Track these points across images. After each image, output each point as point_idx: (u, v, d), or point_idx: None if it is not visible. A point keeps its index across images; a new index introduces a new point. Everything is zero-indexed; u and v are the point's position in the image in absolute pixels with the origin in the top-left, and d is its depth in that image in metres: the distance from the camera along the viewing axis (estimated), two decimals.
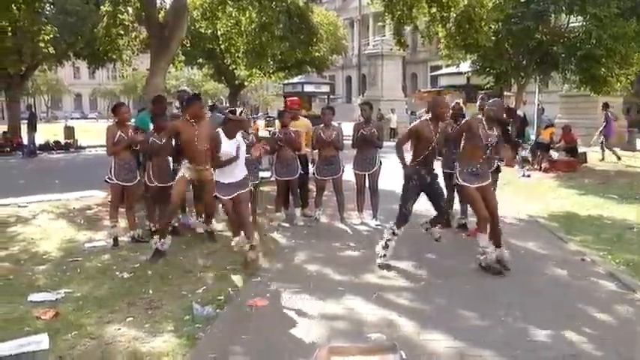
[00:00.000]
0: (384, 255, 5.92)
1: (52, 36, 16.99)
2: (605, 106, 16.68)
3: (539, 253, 6.43)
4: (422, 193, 6.02)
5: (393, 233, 5.95)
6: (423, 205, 6.41)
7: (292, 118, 8.35)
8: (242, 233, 5.90)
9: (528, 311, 4.57)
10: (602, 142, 16.57)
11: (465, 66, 16.41)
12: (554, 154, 14.39)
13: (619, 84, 14.80)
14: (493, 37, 12.83)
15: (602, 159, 16.25)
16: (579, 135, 16.33)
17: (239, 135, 5.94)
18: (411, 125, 6.20)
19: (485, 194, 5.68)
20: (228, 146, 5.77)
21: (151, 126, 7.23)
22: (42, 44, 17.29)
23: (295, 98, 20.39)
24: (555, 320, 4.38)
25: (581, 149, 15.57)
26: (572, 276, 5.55)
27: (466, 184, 5.68)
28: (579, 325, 4.30)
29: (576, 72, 14.34)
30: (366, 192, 7.95)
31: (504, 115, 5.91)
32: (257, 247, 5.92)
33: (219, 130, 5.88)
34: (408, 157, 5.94)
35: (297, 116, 8.71)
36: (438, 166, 7.12)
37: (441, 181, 6.40)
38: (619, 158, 16.03)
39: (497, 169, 7.14)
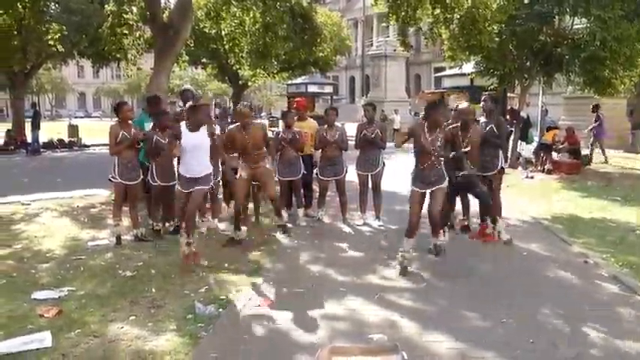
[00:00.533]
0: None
1: (60, 34, 17.06)
2: (596, 107, 16.72)
3: (542, 255, 6.42)
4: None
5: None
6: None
7: (299, 118, 8.33)
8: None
9: (530, 313, 4.57)
10: (599, 144, 16.57)
11: (469, 67, 16.35)
12: (554, 155, 14.38)
13: (623, 86, 14.75)
14: (497, 39, 12.79)
15: (606, 161, 16.22)
16: (583, 137, 16.30)
17: (204, 128, 5.92)
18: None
19: (431, 199, 5.76)
20: (191, 139, 5.82)
21: (146, 126, 7.24)
22: (51, 42, 17.34)
23: (302, 99, 20.45)
24: (557, 322, 4.38)
25: (584, 151, 15.54)
26: (575, 278, 5.54)
27: (411, 187, 5.78)
28: (581, 327, 4.30)
29: (580, 74, 14.27)
30: (369, 193, 7.95)
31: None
32: (193, 244, 5.96)
33: (182, 123, 5.98)
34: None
35: (305, 117, 8.67)
36: None
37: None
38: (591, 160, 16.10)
39: (502, 171, 7.13)
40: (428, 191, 5.72)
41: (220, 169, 7.67)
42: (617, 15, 12.48)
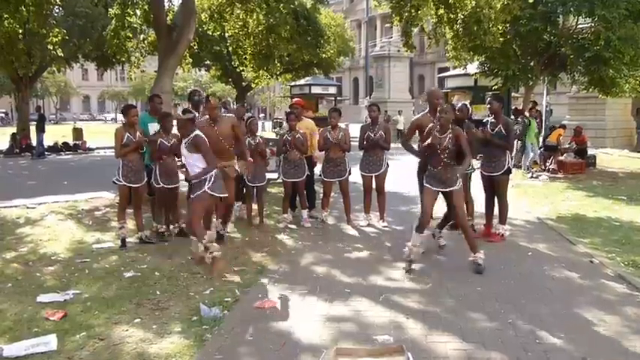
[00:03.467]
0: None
1: (60, 38, 17.13)
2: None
3: (547, 255, 6.40)
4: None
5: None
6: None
7: (296, 117, 8.32)
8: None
9: (536, 313, 4.55)
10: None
11: (473, 67, 16.32)
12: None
13: (628, 85, 14.70)
14: (501, 39, 12.77)
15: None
16: (589, 137, 16.24)
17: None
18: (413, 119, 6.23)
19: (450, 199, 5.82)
20: None
21: (151, 127, 7.22)
22: (50, 46, 17.42)
23: (300, 99, 20.53)
24: (564, 322, 4.36)
25: (590, 151, 15.49)
26: (581, 278, 5.52)
27: (427, 185, 5.82)
28: (588, 326, 4.29)
29: (585, 73, 14.26)
30: (373, 194, 7.94)
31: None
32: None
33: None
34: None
35: (301, 117, 8.65)
36: None
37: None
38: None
39: (508, 171, 7.09)
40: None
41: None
42: (621, 15, 12.46)
